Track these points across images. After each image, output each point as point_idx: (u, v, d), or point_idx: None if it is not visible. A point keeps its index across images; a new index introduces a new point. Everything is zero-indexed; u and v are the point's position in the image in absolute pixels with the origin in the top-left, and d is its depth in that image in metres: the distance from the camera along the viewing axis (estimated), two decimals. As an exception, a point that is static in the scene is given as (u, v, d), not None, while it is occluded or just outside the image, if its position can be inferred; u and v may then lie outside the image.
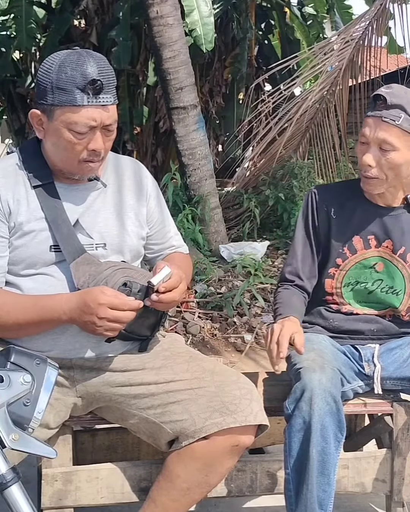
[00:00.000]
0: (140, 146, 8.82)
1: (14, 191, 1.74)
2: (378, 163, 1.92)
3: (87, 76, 1.62)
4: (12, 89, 9.01)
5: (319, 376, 1.84)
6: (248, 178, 6.88)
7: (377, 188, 1.98)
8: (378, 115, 1.89)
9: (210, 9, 7.14)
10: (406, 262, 2.05)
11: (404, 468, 2.04)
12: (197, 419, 1.69)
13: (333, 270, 2.08)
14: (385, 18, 6.32)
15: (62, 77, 1.63)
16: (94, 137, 1.68)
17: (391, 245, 2.05)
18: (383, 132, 1.89)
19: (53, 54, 1.70)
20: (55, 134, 1.69)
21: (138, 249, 1.89)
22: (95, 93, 1.63)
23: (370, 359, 2.06)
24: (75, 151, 1.69)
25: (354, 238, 2.05)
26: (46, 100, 1.66)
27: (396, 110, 1.87)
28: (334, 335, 2.11)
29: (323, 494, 1.83)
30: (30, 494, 1.23)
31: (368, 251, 2.06)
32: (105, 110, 1.66)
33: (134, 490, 1.89)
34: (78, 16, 8.63)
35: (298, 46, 9.14)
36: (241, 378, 1.79)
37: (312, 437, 1.80)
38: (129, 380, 1.78)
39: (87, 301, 1.63)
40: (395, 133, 1.88)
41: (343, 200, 2.08)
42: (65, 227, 1.74)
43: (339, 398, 1.85)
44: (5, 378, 1.27)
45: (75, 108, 1.64)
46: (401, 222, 2.04)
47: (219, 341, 4.19)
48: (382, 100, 1.88)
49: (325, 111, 6.59)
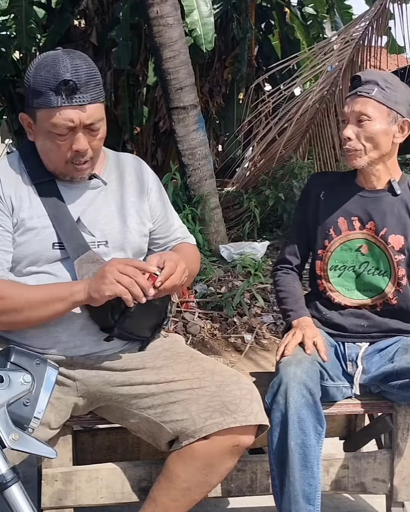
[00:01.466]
0: (140, 146, 8.82)
1: (16, 188, 1.75)
2: (357, 135, 2.02)
3: (59, 77, 1.60)
4: (12, 89, 9.01)
5: (294, 369, 1.87)
6: (248, 178, 6.88)
7: (358, 160, 2.04)
8: (354, 92, 2.03)
9: (210, 9, 7.14)
10: (388, 244, 2.08)
11: (404, 468, 2.04)
12: (198, 419, 1.70)
13: (321, 252, 2.13)
14: (385, 18, 6.32)
15: (37, 80, 1.63)
16: (76, 137, 1.67)
17: (374, 227, 2.09)
18: (358, 105, 2.01)
19: (36, 57, 1.71)
20: (41, 136, 1.71)
21: (141, 246, 1.89)
22: (68, 94, 1.62)
23: (354, 359, 2.08)
24: (60, 152, 1.69)
25: (339, 220, 2.11)
26: (28, 103, 1.68)
27: (369, 85, 2.00)
28: (327, 329, 2.13)
29: (308, 488, 1.84)
30: (30, 494, 1.23)
31: (352, 233, 2.10)
32: (82, 110, 1.64)
33: (134, 490, 1.89)
34: (78, 16, 8.63)
35: (298, 46, 9.14)
36: (241, 378, 1.79)
37: (290, 430, 1.82)
38: (129, 379, 1.78)
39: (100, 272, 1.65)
40: (369, 104, 2.00)
41: (334, 185, 2.16)
42: (68, 224, 1.75)
43: (316, 390, 1.86)
44: (5, 378, 1.27)
45: (51, 110, 1.63)
46: (383, 204, 2.09)
47: (219, 341, 4.19)
48: (357, 79, 2.03)
49: (325, 111, 6.59)
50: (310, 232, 2.18)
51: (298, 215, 2.26)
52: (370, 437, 2.37)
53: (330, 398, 2.03)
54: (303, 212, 2.20)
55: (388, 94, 1.99)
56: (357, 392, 2.06)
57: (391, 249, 2.08)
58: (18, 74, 8.98)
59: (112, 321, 1.73)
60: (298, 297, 2.16)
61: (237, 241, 5.83)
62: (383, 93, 1.98)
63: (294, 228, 2.29)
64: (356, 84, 2.03)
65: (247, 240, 5.82)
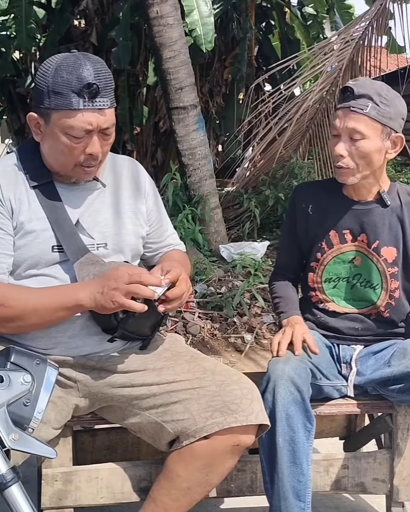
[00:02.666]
0: (140, 146, 8.83)
1: (15, 190, 1.74)
2: (350, 153, 1.96)
3: (83, 80, 1.61)
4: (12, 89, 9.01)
5: (282, 367, 1.88)
6: (248, 178, 6.88)
7: (350, 178, 2.00)
8: (347, 105, 1.94)
9: (210, 9, 7.14)
10: (380, 256, 2.07)
11: (404, 468, 2.04)
12: (198, 418, 1.70)
13: (314, 264, 2.12)
14: (385, 18, 6.31)
15: (58, 81, 1.62)
16: (91, 141, 1.68)
17: (366, 239, 2.07)
18: (352, 121, 1.93)
19: (51, 57, 1.69)
20: (52, 138, 1.69)
21: (138, 248, 1.90)
22: (91, 97, 1.62)
23: (348, 361, 2.08)
24: (73, 155, 1.69)
25: (331, 233, 2.09)
26: (43, 104, 1.66)
27: (363, 99, 1.92)
28: (322, 331, 2.13)
29: (298, 484, 1.84)
30: (30, 494, 1.23)
31: (344, 246, 2.09)
32: (101, 114, 1.66)
33: (134, 490, 1.89)
34: (78, 16, 8.63)
35: (298, 46, 9.15)
36: (242, 378, 1.79)
37: (278, 427, 1.83)
38: (131, 381, 1.78)
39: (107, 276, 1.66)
40: (363, 121, 1.92)
41: (320, 197, 2.12)
42: (67, 227, 1.74)
43: (304, 388, 1.86)
44: (5, 378, 1.27)
45: (71, 112, 1.63)
46: (374, 216, 2.06)
47: (219, 341, 4.18)
48: (350, 92, 1.93)
49: (325, 111, 6.59)
50: (301, 243, 2.16)
51: (286, 227, 2.25)
52: (370, 437, 2.37)
53: (323, 395, 2.03)
54: (292, 225, 2.18)
55: (383, 111, 1.92)
56: (351, 394, 2.06)
57: (384, 261, 2.06)
58: (18, 74, 8.99)
59: (115, 322, 1.74)
60: (290, 300, 2.16)
61: (237, 241, 5.83)
62: (377, 109, 1.91)
63: (284, 239, 2.27)
64: (348, 97, 1.94)
65: (247, 240, 5.81)
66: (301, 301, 2.24)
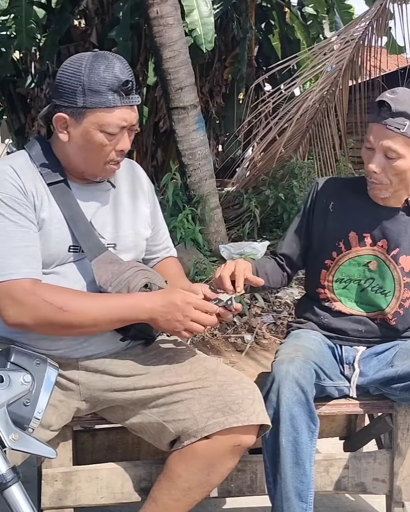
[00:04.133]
0: (140, 146, 8.83)
1: (36, 186, 1.73)
2: (384, 170, 1.94)
3: (120, 78, 1.65)
4: (12, 89, 9.02)
5: (286, 367, 1.88)
6: (248, 178, 6.87)
7: (383, 192, 2.00)
8: (383, 123, 1.89)
9: (210, 9, 7.14)
10: (398, 264, 2.05)
11: (404, 468, 2.04)
12: (200, 418, 1.70)
13: (328, 262, 2.10)
14: (385, 18, 6.31)
15: (94, 79, 1.64)
16: (123, 137, 1.72)
17: (386, 245, 2.05)
18: (388, 140, 1.89)
19: (75, 58, 1.71)
20: (84, 137, 1.70)
21: (143, 249, 1.91)
22: (127, 94, 1.67)
23: (351, 362, 2.08)
24: (104, 152, 1.71)
25: (351, 234, 2.07)
26: (75, 103, 1.66)
27: (400, 118, 1.87)
28: (325, 332, 2.13)
29: (300, 485, 1.84)
30: (30, 494, 1.23)
31: (363, 249, 2.07)
32: (133, 110, 1.71)
33: (134, 490, 1.89)
34: (78, 16, 8.64)
35: (298, 46, 9.15)
36: (243, 378, 1.79)
37: (281, 427, 1.83)
38: (133, 384, 1.78)
39: (175, 299, 1.67)
40: (400, 141, 1.89)
41: (344, 195, 2.10)
42: (83, 225, 1.75)
43: (308, 388, 1.86)
44: (5, 378, 1.27)
45: (108, 109, 1.66)
46: (399, 224, 2.05)
47: (219, 341, 4.19)
48: (387, 107, 1.88)
49: (325, 111, 6.59)
50: (313, 239, 2.13)
51: (300, 218, 2.17)
52: (370, 437, 2.37)
53: (324, 395, 2.03)
54: (306, 218, 2.14)
55: None
56: (354, 395, 2.06)
57: (401, 270, 2.05)
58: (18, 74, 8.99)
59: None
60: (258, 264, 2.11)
61: (237, 241, 5.83)
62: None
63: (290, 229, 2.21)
64: (384, 112, 1.88)
65: (247, 240, 5.81)
66: (304, 300, 2.23)
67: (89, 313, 1.66)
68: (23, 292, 1.63)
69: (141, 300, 1.69)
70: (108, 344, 1.79)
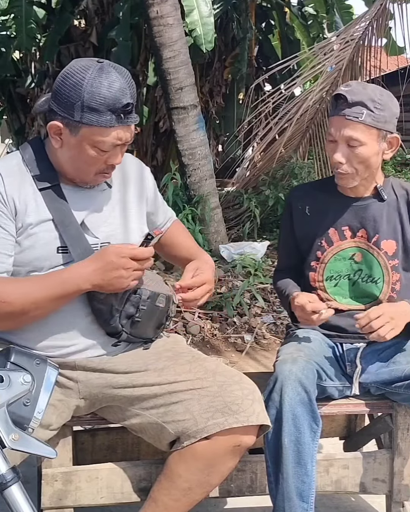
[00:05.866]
0: (140, 146, 8.82)
1: (20, 191, 1.72)
2: (348, 159, 1.99)
3: (121, 100, 1.62)
4: (12, 89, 9.02)
5: (289, 367, 1.88)
6: (248, 178, 6.88)
7: (350, 181, 2.04)
8: (341, 114, 1.95)
9: (210, 9, 7.14)
10: (380, 250, 2.08)
11: (404, 468, 2.04)
12: (199, 419, 1.69)
13: (314, 264, 2.13)
14: (385, 18, 6.32)
15: (95, 97, 1.61)
16: (115, 152, 1.71)
17: (365, 234, 2.09)
18: (348, 129, 1.95)
19: (79, 67, 1.65)
20: (76, 148, 1.69)
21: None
22: (125, 115, 1.65)
23: (352, 359, 2.08)
24: (96, 165, 1.71)
25: (330, 231, 2.11)
26: (72, 116, 1.64)
27: (357, 107, 1.93)
28: (324, 331, 2.13)
29: (302, 485, 1.84)
30: (30, 494, 1.23)
31: (344, 242, 2.10)
32: (129, 129, 1.69)
33: (134, 490, 1.89)
34: (78, 16, 8.63)
35: (298, 46, 9.14)
36: (243, 378, 1.79)
37: (284, 427, 1.83)
38: (132, 381, 1.78)
39: (109, 257, 1.66)
40: (360, 129, 1.94)
41: (316, 197, 2.15)
42: (74, 229, 1.74)
43: (311, 389, 1.87)
44: (5, 378, 1.27)
45: (104, 129, 1.64)
46: (373, 211, 2.09)
47: (219, 341, 4.19)
48: (343, 99, 1.94)
49: (325, 111, 6.59)
50: (300, 245, 2.18)
51: (284, 229, 2.26)
52: (370, 437, 2.37)
53: (324, 395, 2.03)
54: (289, 227, 2.20)
55: (378, 116, 1.93)
56: (357, 392, 2.06)
57: (384, 254, 2.08)
58: (18, 74, 8.99)
59: (120, 326, 1.76)
60: (291, 284, 2.16)
61: (237, 241, 5.84)
62: (372, 115, 1.92)
63: (282, 243, 2.29)
64: (341, 105, 1.95)
65: (247, 240, 5.82)
66: None
67: (28, 298, 1.66)
68: None
69: (76, 270, 1.68)
70: (106, 347, 1.80)
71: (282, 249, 2.30)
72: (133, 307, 1.76)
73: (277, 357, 2.03)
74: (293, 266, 2.24)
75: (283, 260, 2.30)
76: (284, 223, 2.25)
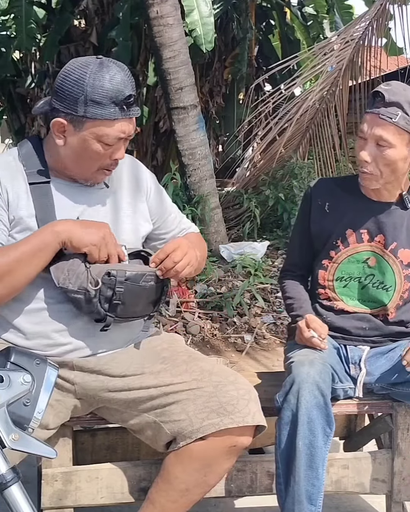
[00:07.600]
0: (140, 146, 8.82)
1: (14, 184, 1.74)
2: (374, 159, 1.96)
3: (124, 91, 1.65)
4: (12, 89, 9.00)
5: (307, 370, 1.87)
6: (248, 178, 6.88)
7: (373, 183, 2.01)
8: (376, 112, 1.92)
9: (210, 9, 7.13)
10: (397, 258, 2.06)
11: (404, 468, 2.04)
12: (195, 419, 1.69)
13: (326, 262, 2.11)
14: (385, 18, 6.32)
15: (98, 91, 1.64)
16: (119, 146, 1.72)
17: (383, 240, 2.07)
18: (380, 129, 1.92)
19: (79, 64, 1.68)
20: (80, 144, 1.70)
21: (137, 246, 1.89)
22: (128, 107, 1.67)
23: (356, 361, 2.07)
24: (100, 160, 1.73)
25: (348, 232, 2.08)
26: (76, 111, 1.66)
27: (393, 108, 1.90)
28: (329, 332, 2.11)
29: (312, 488, 1.84)
30: (30, 494, 1.23)
31: (360, 245, 2.08)
32: (132, 122, 1.72)
33: (134, 490, 1.89)
34: (78, 16, 8.61)
35: (298, 46, 9.13)
36: (239, 378, 1.79)
37: (299, 430, 1.82)
38: (128, 385, 1.77)
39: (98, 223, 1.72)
40: (391, 130, 1.91)
41: (338, 195, 2.11)
42: None
43: (327, 392, 1.86)
44: (5, 378, 1.27)
45: (108, 122, 1.67)
46: (394, 218, 2.06)
47: (219, 341, 4.19)
48: (381, 97, 1.91)
49: (325, 111, 6.59)
50: (313, 240, 2.15)
51: (299, 224, 2.21)
52: (370, 437, 2.37)
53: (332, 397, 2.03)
54: (305, 221, 2.16)
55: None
56: (360, 394, 2.05)
57: (400, 263, 2.06)
58: (18, 74, 8.98)
59: (102, 310, 1.71)
60: (302, 301, 2.13)
61: (237, 241, 5.83)
62: (406, 119, 1.90)
63: (295, 237, 2.25)
64: (378, 102, 1.92)
65: (247, 240, 5.82)
66: None
67: (9, 256, 1.65)
68: None
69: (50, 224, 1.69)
70: (103, 344, 1.79)
71: (294, 243, 2.25)
72: (110, 289, 1.69)
73: (287, 357, 2.01)
74: (302, 265, 2.21)
75: (293, 255, 2.25)
76: (301, 215, 2.21)
